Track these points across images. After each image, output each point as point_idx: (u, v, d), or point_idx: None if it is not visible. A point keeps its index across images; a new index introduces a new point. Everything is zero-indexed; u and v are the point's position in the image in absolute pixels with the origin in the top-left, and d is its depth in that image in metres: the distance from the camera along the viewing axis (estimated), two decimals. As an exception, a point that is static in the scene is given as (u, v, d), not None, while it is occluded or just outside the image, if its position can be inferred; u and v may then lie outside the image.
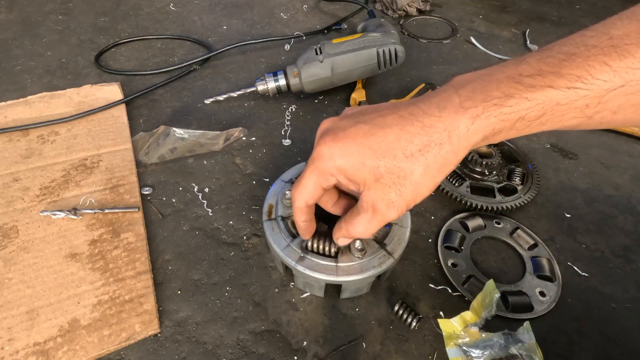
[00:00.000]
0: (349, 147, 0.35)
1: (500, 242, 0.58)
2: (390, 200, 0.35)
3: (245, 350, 0.46)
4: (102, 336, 0.46)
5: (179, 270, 0.53)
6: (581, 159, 0.71)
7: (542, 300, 0.51)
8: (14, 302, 0.48)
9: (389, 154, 0.34)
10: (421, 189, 0.35)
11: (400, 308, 0.48)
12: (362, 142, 0.35)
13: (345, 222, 0.41)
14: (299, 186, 0.40)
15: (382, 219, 0.37)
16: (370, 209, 0.37)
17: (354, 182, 0.37)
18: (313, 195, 0.40)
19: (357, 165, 0.35)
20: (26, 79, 0.83)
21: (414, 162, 0.34)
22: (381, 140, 0.34)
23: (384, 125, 0.35)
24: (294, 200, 0.41)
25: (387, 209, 0.36)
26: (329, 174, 0.37)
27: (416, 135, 0.33)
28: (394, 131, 0.34)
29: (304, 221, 0.43)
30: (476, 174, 0.64)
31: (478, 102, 0.32)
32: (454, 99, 0.33)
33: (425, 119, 0.34)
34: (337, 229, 0.43)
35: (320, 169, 0.37)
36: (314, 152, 0.38)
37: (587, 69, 0.30)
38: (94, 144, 0.68)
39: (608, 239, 0.59)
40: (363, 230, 0.39)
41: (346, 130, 0.36)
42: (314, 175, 0.38)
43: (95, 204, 0.59)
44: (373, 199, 0.36)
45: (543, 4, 1.20)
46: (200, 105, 0.78)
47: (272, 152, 0.70)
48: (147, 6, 1.09)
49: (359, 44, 0.74)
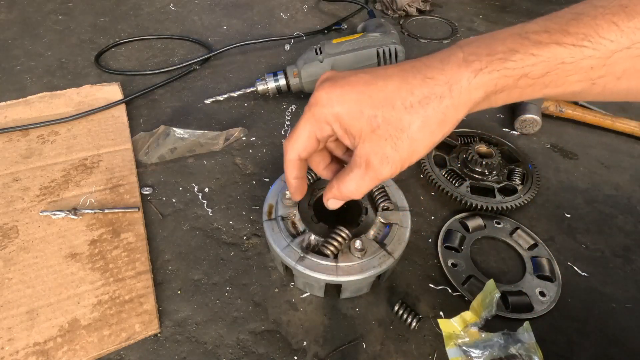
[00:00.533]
0: (347, 94, 0.34)
1: (500, 242, 0.58)
2: (385, 155, 0.34)
3: (245, 350, 0.46)
4: (102, 336, 0.46)
5: (179, 270, 0.53)
6: (581, 159, 0.71)
7: (542, 300, 0.51)
8: (14, 302, 0.48)
9: (387, 103, 0.33)
10: (418, 145, 0.34)
11: (400, 308, 0.48)
12: (361, 90, 0.34)
13: (337, 180, 0.38)
14: (292, 137, 0.38)
15: (375, 175, 0.35)
16: (363, 164, 0.35)
17: (349, 134, 0.35)
18: (306, 147, 0.38)
19: (354, 114, 0.34)
20: (26, 79, 0.83)
21: (413, 114, 0.33)
22: (381, 89, 0.34)
23: (385, 75, 0.34)
24: (286, 152, 0.39)
25: (381, 164, 0.35)
26: (325, 121, 0.36)
27: (417, 86, 0.33)
28: (394, 81, 0.34)
29: (296, 177, 0.41)
30: (476, 174, 0.64)
31: (482, 56, 0.32)
32: (457, 53, 0.33)
33: (427, 72, 0.33)
34: (327, 190, 0.40)
35: (316, 115, 0.36)
36: (311, 98, 0.36)
37: (595, 28, 0.30)
38: (94, 144, 0.68)
39: (608, 239, 0.59)
40: (354, 188, 0.37)
41: (347, 78, 0.35)
42: (309, 124, 0.37)
43: (95, 204, 0.59)
44: (367, 152, 0.35)
45: (543, 4, 1.20)
46: (200, 105, 0.78)
47: (272, 152, 0.70)
48: (147, 6, 1.09)
49: (359, 44, 0.74)
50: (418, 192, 0.64)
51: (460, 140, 0.70)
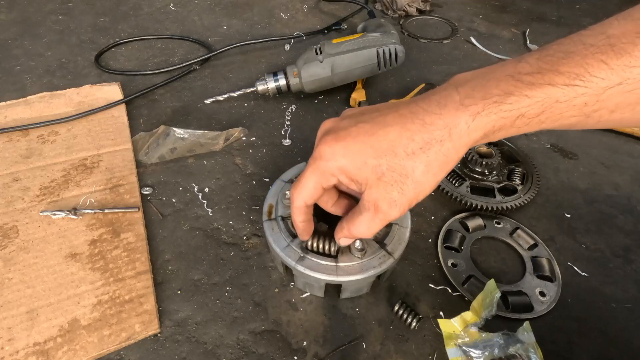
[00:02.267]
0: (350, 146, 0.35)
1: (500, 242, 0.58)
2: (393, 199, 0.35)
3: (245, 350, 0.46)
4: (102, 336, 0.46)
5: (179, 270, 0.53)
6: (581, 159, 0.71)
7: (542, 300, 0.51)
8: (14, 302, 0.48)
9: (390, 152, 0.34)
10: (423, 187, 0.35)
11: (400, 308, 0.48)
12: (363, 141, 0.35)
13: (347, 222, 0.40)
14: (298, 186, 0.40)
15: (384, 218, 0.37)
16: (372, 208, 0.37)
17: (356, 182, 0.37)
18: (312, 195, 0.40)
19: (358, 165, 0.35)
20: (26, 79, 0.83)
21: (416, 160, 0.34)
22: (382, 138, 0.35)
23: (385, 124, 0.35)
24: (293, 200, 0.41)
25: (389, 207, 0.36)
26: (330, 174, 0.37)
27: (417, 132, 0.34)
28: (395, 129, 0.34)
29: (302, 221, 0.43)
30: (476, 174, 0.64)
31: (478, 100, 0.33)
32: (454, 96, 0.34)
33: (426, 117, 0.34)
34: (338, 229, 0.42)
35: (321, 169, 0.37)
36: (315, 152, 0.38)
37: (585, 67, 0.31)
38: (94, 144, 0.68)
39: (608, 239, 0.59)
40: (365, 230, 0.39)
41: (348, 129, 0.36)
42: (315, 175, 0.38)
43: (95, 204, 0.59)
44: (375, 198, 0.36)
45: (543, 4, 1.20)
46: (200, 105, 0.78)
47: (272, 152, 0.70)
48: (147, 6, 1.09)
49: (359, 44, 0.74)
50: (418, 192, 0.64)
51: (460, 140, 0.70)
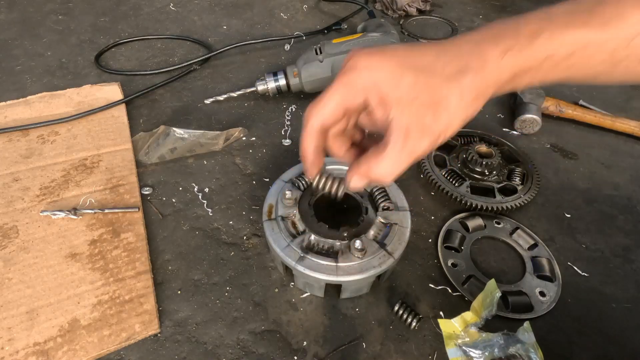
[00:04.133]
0: (388, 60, 0.33)
1: (500, 242, 0.58)
2: (425, 125, 0.33)
3: (245, 350, 0.46)
4: (102, 336, 0.46)
5: (179, 270, 0.53)
6: (581, 159, 0.71)
7: (542, 300, 0.51)
8: (14, 302, 0.48)
9: (428, 70, 0.33)
10: (454, 118, 0.34)
11: (400, 308, 0.48)
12: (402, 57, 0.34)
13: (366, 159, 0.35)
14: (318, 103, 0.35)
15: (413, 150, 0.34)
16: (401, 137, 0.33)
17: (384, 104, 0.33)
18: (333, 115, 0.35)
19: (394, 81, 0.33)
20: (26, 79, 0.83)
21: (451, 86, 0.33)
22: (420, 58, 0.34)
23: (422, 48, 0.35)
24: (308, 119, 0.36)
25: (421, 136, 0.33)
26: (361, 88, 0.34)
27: (454, 58, 0.33)
28: (432, 52, 0.34)
29: (313, 150, 0.37)
30: (476, 174, 0.64)
31: (510, 38, 0.33)
32: (488, 32, 0.34)
33: (463, 47, 0.34)
34: (353, 167, 0.37)
35: (351, 82, 0.34)
36: (346, 65, 0.34)
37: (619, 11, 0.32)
38: (94, 144, 0.68)
39: (608, 239, 0.59)
40: (388, 168, 0.34)
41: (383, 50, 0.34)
42: (341, 91, 0.34)
43: (95, 204, 0.59)
44: (406, 122, 0.33)
45: (543, 4, 1.20)
46: (200, 105, 0.78)
47: (272, 152, 0.70)
48: (147, 6, 1.09)
49: (359, 44, 0.74)
50: (418, 192, 0.64)
51: (460, 140, 0.70)
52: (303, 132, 0.37)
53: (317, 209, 0.53)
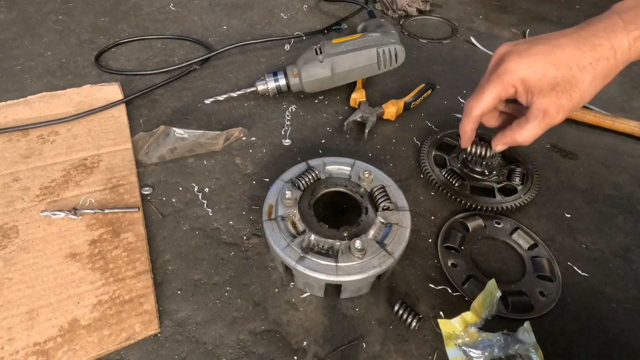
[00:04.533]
0: (532, 62, 0.44)
1: (500, 242, 0.58)
2: (561, 104, 0.44)
3: (245, 350, 0.46)
4: (102, 336, 0.46)
5: (179, 270, 0.53)
6: (581, 159, 0.71)
7: (542, 300, 0.51)
8: (14, 302, 0.48)
9: (565, 66, 0.42)
10: (586, 94, 0.43)
11: (400, 308, 0.48)
12: (543, 58, 0.43)
13: (512, 130, 0.48)
14: (479, 97, 0.47)
15: (551, 122, 0.45)
16: (541, 114, 0.45)
17: (531, 92, 0.45)
18: (490, 105, 0.47)
19: (538, 76, 0.43)
20: (26, 79, 0.83)
21: (585, 73, 0.42)
22: (559, 56, 0.43)
23: (560, 45, 0.43)
24: (471, 110, 0.48)
25: (558, 112, 0.44)
26: (512, 85, 0.45)
27: (588, 52, 0.42)
28: (569, 49, 0.43)
29: (472, 129, 0.51)
30: (476, 174, 0.64)
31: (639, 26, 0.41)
32: (618, 22, 0.42)
33: (595, 40, 0.42)
34: (499, 137, 0.51)
35: (505, 81, 0.45)
36: (499, 68, 0.46)
37: None
38: (94, 144, 0.68)
39: (608, 239, 0.59)
40: (528, 135, 0.47)
41: (528, 50, 0.44)
42: (497, 87, 0.46)
43: (95, 204, 0.59)
44: (546, 104, 0.44)
45: (543, 4, 1.20)
46: (200, 105, 0.78)
47: (272, 152, 0.70)
48: (147, 6, 1.09)
49: (359, 44, 0.74)
50: (418, 192, 0.64)
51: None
52: (465, 118, 0.50)
53: (317, 209, 0.53)
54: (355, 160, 0.58)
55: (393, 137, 0.74)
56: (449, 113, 0.79)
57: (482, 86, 0.47)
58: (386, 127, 0.75)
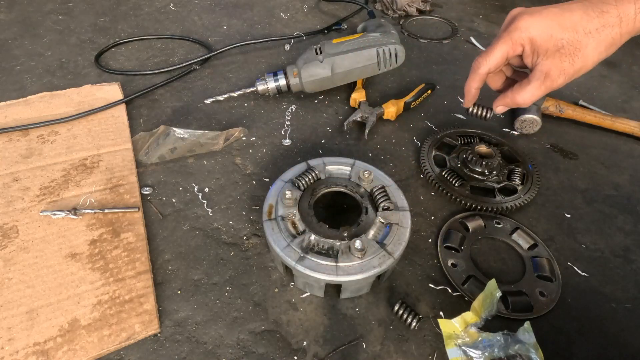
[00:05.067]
0: (542, 21, 0.45)
1: (500, 242, 0.58)
2: (563, 68, 0.45)
3: (245, 350, 0.46)
4: (102, 336, 0.46)
5: (179, 270, 0.53)
6: (581, 159, 0.71)
7: (542, 300, 0.51)
8: (14, 302, 0.48)
9: (572, 29, 0.43)
10: (588, 61, 0.44)
11: (400, 308, 0.48)
12: (552, 19, 0.44)
13: (512, 91, 0.49)
14: (488, 55, 0.48)
15: (551, 85, 0.46)
16: (542, 75, 0.46)
17: (537, 52, 0.46)
18: (497, 63, 0.48)
19: (545, 37, 0.44)
20: (26, 79, 0.83)
21: (590, 38, 0.43)
22: (568, 18, 0.44)
23: (570, 9, 0.44)
24: (478, 67, 0.49)
25: (559, 75, 0.45)
26: (520, 43, 0.46)
27: (595, 17, 0.43)
28: (577, 13, 0.44)
29: (477, 88, 0.51)
30: (476, 174, 0.64)
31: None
32: None
33: (604, 7, 0.43)
34: (500, 99, 0.51)
35: (514, 38, 0.46)
36: (510, 25, 0.46)
37: None
38: (94, 144, 0.68)
39: (608, 239, 0.59)
40: (529, 96, 0.48)
41: (540, 11, 0.45)
42: (506, 45, 0.46)
43: (95, 204, 0.59)
44: (548, 66, 0.45)
45: (543, 4, 1.20)
46: (200, 105, 0.78)
47: (272, 152, 0.70)
48: (147, 6, 1.09)
49: (359, 44, 0.74)
50: (418, 192, 0.64)
51: (460, 140, 0.70)
52: (472, 75, 0.50)
53: (317, 209, 0.53)
54: (355, 160, 0.58)
55: (393, 137, 0.74)
56: (449, 113, 0.79)
57: (492, 44, 0.48)
58: (386, 127, 0.75)
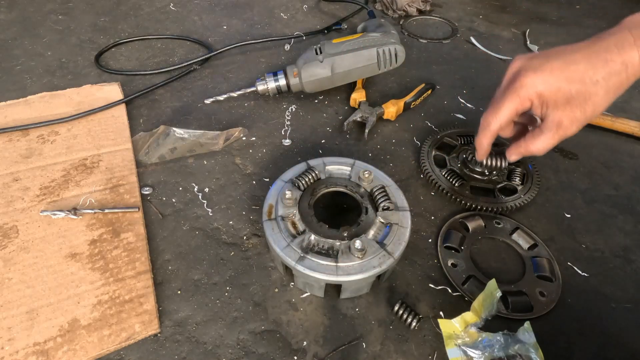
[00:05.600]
0: (547, 77, 0.45)
1: (500, 242, 0.58)
2: (575, 117, 0.45)
3: (245, 350, 0.46)
4: (102, 336, 0.46)
5: (179, 270, 0.53)
6: (581, 159, 0.71)
7: (542, 300, 0.51)
8: (14, 302, 0.48)
9: (579, 81, 0.44)
10: (598, 107, 0.45)
11: (400, 308, 0.48)
12: (558, 74, 0.44)
13: (526, 141, 0.50)
14: (497, 112, 0.48)
15: (564, 133, 0.47)
16: (555, 126, 0.46)
17: (545, 105, 0.46)
18: (508, 119, 0.49)
19: (554, 90, 0.45)
20: (26, 79, 0.83)
21: (598, 87, 0.44)
22: (573, 71, 0.44)
23: (573, 61, 0.44)
24: (489, 124, 0.49)
25: (571, 124, 0.46)
26: (528, 98, 0.46)
27: (600, 68, 0.43)
28: (582, 64, 0.44)
29: (489, 144, 0.53)
30: (476, 174, 0.64)
31: None
32: (629, 38, 0.43)
33: (607, 55, 0.43)
34: (513, 148, 0.52)
35: (522, 95, 0.46)
36: (516, 83, 0.47)
37: None
38: (94, 144, 0.68)
39: (608, 239, 0.59)
40: (543, 146, 0.48)
41: (543, 65, 0.45)
42: (514, 102, 0.47)
43: (95, 204, 0.59)
44: (560, 117, 0.46)
45: (543, 4, 1.20)
46: (200, 105, 0.78)
47: (272, 152, 0.70)
48: (147, 6, 1.09)
49: (359, 43, 0.74)
50: (418, 192, 0.64)
51: (460, 140, 0.70)
52: (483, 132, 0.51)
53: (317, 209, 0.53)
54: (355, 160, 0.58)
55: (393, 137, 0.74)
56: (449, 113, 0.79)
57: (499, 101, 0.48)
58: (386, 127, 0.75)
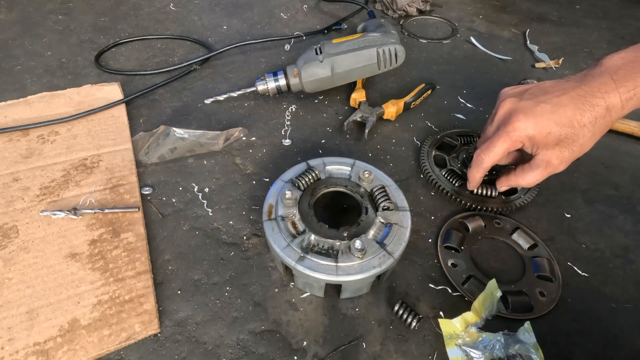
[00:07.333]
0: (538, 122, 0.48)
1: (500, 242, 0.58)
2: (564, 157, 0.50)
3: (245, 350, 0.46)
4: (102, 336, 0.46)
5: (179, 270, 0.53)
6: (581, 159, 0.70)
7: (542, 300, 0.51)
8: (14, 302, 0.48)
9: (568, 125, 0.47)
10: (585, 147, 0.49)
11: (400, 308, 0.48)
12: (548, 118, 0.48)
13: (516, 175, 0.55)
14: (490, 151, 0.52)
15: (553, 171, 0.51)
16: (544, 164, 0.51)
17: (537, 146, 0.50)
18: (500, 158, 0.53)
19: (544, 133, 0.48)
20: (26, 79, 0.83)
21: (585, 130, 0.48)
22: (562, 116, 0.47)
23: (561, 105, 0.48)
24: (482, 162, 0.53)
25: (560, 163, 0.50)
26: (519, 141, 0.50)
27: (586, 111, 0.47)
28: (570, 108, 0.47)
29: (481, 177, 0.56)
30: (476, 174, 0.64)
31: (630, 88, 0.46)
32: (611, 84, 0.46)
33: (593, 100, 0.47)
34: (504, 179, 0.57)
35: (513, 138, 0.50)
36: (508, 126, 0.50)
37: None
38: (94, 144, 0.68)
39: (608, 239, 0.59)
40: (532, 181, 0.53)
41: (534, 109, 0.49)
42: (507, 143, 0.50)
43: (95, 204, 0.59)
44: (549, 157, 0.50)
45: (543, 4, 1.20)
46: (200, 105, 0.78)
47: (272, 152, 0.70)
48: (147, 6, 1.09)
49: (359, 43, 0.74)
50: (418, 192, 0.64)
51: (460, 140, 0.70)
52: (476, 168, 0.55)
53: (317, 209, 0.53)
54: (355, 160, 0.58)
55: (393, 137, 0.74)
56: (449, 113, 0.79)
57: (493, 141, 0.51)
58: (386, 127, 0.75)
